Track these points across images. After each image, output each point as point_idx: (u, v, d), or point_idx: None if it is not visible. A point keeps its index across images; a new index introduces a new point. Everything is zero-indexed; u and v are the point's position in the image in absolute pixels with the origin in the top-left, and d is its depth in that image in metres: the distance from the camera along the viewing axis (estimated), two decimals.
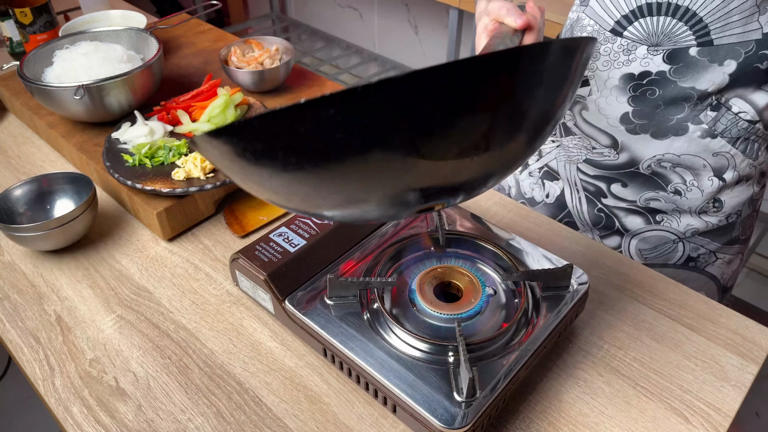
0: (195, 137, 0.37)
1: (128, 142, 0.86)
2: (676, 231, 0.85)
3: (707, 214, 0.83)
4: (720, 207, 0.83)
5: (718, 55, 0.73)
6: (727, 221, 0.84)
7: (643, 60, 0.76)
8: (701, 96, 0.75)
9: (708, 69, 0.74)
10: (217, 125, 0.87)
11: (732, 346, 0.65)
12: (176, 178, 0.78)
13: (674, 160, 0.80)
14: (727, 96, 0.75)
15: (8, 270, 0.77)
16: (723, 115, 0.76)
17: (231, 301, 0.71)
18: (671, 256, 0.87)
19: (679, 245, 0.86)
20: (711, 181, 0.81)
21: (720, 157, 0.79)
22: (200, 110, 0.90)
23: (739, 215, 0.85)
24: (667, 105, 0.77)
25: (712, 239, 0.85)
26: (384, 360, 0.56)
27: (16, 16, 1.12)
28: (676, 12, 0.72)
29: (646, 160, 0.82)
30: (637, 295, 0.72)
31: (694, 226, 0.84)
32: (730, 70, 0.73)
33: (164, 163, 0.82)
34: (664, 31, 0.73)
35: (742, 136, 0.78)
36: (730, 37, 0.71)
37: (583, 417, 0.59)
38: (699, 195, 0.82)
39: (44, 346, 0.66)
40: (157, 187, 0.77)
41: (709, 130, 0.78)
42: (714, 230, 0.85)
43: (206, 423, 0.58)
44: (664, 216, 0.85)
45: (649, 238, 0.87)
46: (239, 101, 0.92)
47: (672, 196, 0.83)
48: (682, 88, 0.75)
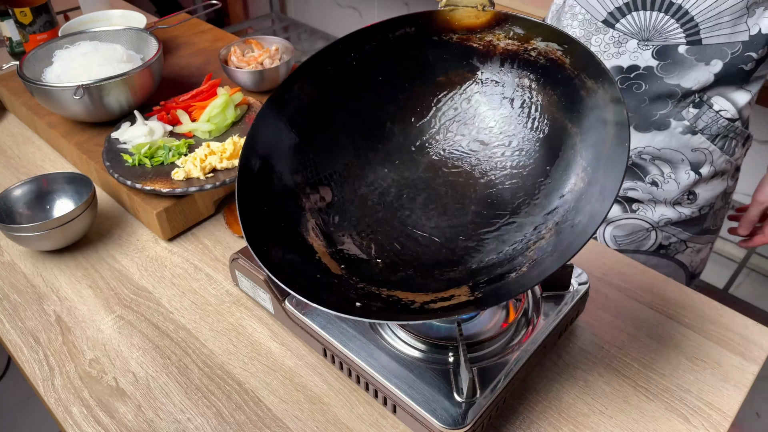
0: None
1: (128, 142, 0.86)
2: (650, 220, 0.87)
3: (681, 205, 0.86)
4: (694, 199, 0.85)
5: (705, 55, 0.74)
6: (700, 213, 0.87)
7: (633, 54, 0.77)
8: (685, 93, 0.77)
9: (694, 67, 0.75)
10: (217, 125, 0.87)
11: (732, 346, 0.65)
12: (176, 178, 0.78)
13: (654, 153, 0.82)
14: (709, 94, 0.77)
15: (8, 270, 0.77)
16: (704, 112, 0.78)
17: (231, 301, 0.71)
18: (644, 243, 0.90)
19: (652, 233, 0.89)
20: (687, 175, 0.83)
21: (698, 153, 0.81)
22: (200, 110, 0.90)
23: (712, 207, 0.87)
24: (652, 100, 0.78)
25: (684, 229, 0.88)
26: (384, 360, 0.56)
27: (16, 15, 1.12)
28: (669, 8, 0.72)
29: None
30: (637, 295, 0.71)
31: (668, 216, 0.86)
32: (716, 70, 0.74)
33: (164, 163, 0.82)
34: (656, 26, 0.74)
35: (722, 133, 0.80)
36: (719, 38, 0.72)
37: (583, 417, 0.59)
38: (675, 187, 0.84)
39: (44, 346, 0.66)
40: (157, 187, 0.77)
41: (690, 127, 0.79)
42: (687, 221, 0.87)
43: (206, 423, 0.58)
44: (640, 205, 0.87)
45: (624, 226, 0.90)
46: (239, 101, 0.92)
47: (649, 187, 0.85)
48: (668, 85, 0.77)
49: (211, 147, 0.81)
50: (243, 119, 0.91)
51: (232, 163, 0.81)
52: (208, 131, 0.88)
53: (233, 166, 0.80)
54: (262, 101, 0.98)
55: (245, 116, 0.91)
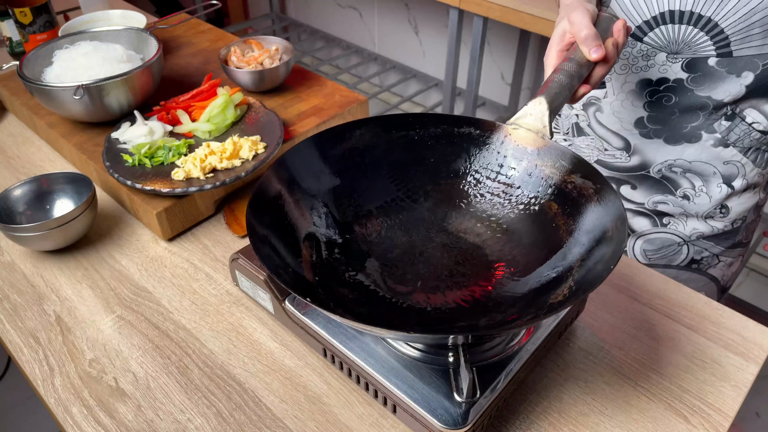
0: None
1: (128, 142, 0.86)
2: (682, 234, 0.86)
3: (713, 219, 0.84)
4: (726, 213, 0.83)
5: (736, 67, 0.72)
6: (732, 226, 0.85)
7: (662, 66, 0.76)
8: (717, 105, 0.75)
9: (725, 80, 0.73)
10: (217, 125, 0.87)
11: (732, 346, 0.65)
12: (176, 178, 0.78)
13: (685, 165, 0.81)
14: (741, 106, 0.75)
15: (8, 270, 0.77)
16: (737, 125, 0.77)
17: (231, 301, 0.71)
18: (675, 257, 0.88)
19: (683, 248, 0.87)
20: (720, 188, 0.81)
21: (730, 166, 0.80)
22: (200, 110, 0.90)
23: (744, 220, 0.85)
24: (683, 112, 0.77)
25: (716, 243, 0.86)
26: (384, 360, 0.56)
27: (16, 15, 1.12)
28: (699, 21, 0.71)
29: (657, 165, 0.82)
30: (637, 295, 0.71)
31: (700, 230, 0.85)
32: (747, 82, 0.73)
33: (164, 163, 0.82)
34: (685, 39, 0.73)
35: (754, 146, 0.78)
36: (750, 49, 0.71)
37: (583, 417, 0.59)
38: (707, 201, 0.82)
39: (44, 347, 0.66)
40: (157, 187, 0.77)
41: (722, 140, 0.78)
42: (719, 235, 0.85)
43: (206, 423, 0.58)
44: (671, 219, 0.85)
45: (655, 240, 0.88)
46: (239, 101, 0.92)
47: (680, 200, 0.84)
48: (698, 97, 0.75)
49: (211, 147, 0.81)
50: (243, 119, 0.91)
51: (232, 163, 0.81)
52: (208, 131, 0.87)
53: (233, 166, 0.80)
54: (262, 101, 0.98)
55: (245, 116, 0.91)
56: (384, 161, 0.68)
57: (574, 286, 0.53)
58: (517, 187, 0.65)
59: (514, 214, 0.64)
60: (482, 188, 0.67)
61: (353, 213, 0.66)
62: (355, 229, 0.65)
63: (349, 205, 0.66)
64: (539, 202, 0.63)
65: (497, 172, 0.66)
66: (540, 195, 0.63)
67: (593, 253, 0.54)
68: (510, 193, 0.65)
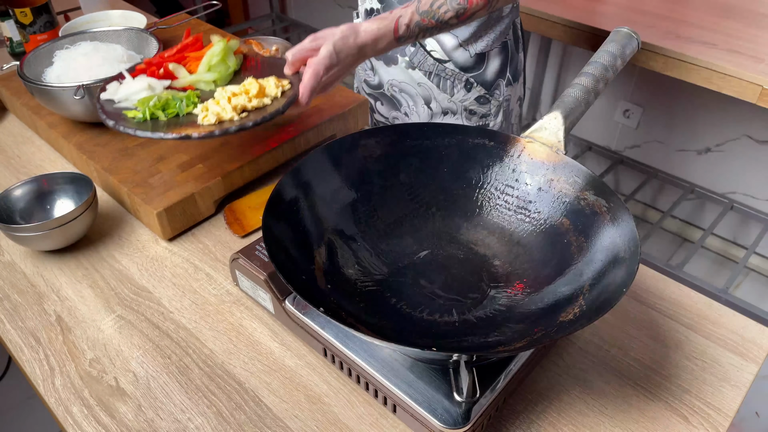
0: None
1: (126, 100, 0.78)
2: None
3: None
4: None
5: None
6: None
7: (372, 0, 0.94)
8: None
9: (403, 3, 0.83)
10: (221, 73, 0.81)
11: (732, 346, 0.65)
12: (205, 123, 0.73)
13: (397, 85, 0.97)
14: None
15: (8, 270, 0.77)
16: (419, 50, 0.93)
17: (231, 301, 0.71)
18: None
19: None
20: (423, 108, 0.98)
21: (423, 88, 0.96)
22: (195, 61, 0.83)
23: None
24: None
25: None
26: (384, 360, 0.56)
27: (16, 16, 1.12)
28: None
29: (385, 84, 1.01)
30: (637, 296, 0.72)
31: None
32: None
33: (179, 115, 0.76)
34: None
35: (434, 71, 0.92)
36: None
37: (583, 417, 0.59)
38: (418, 119, 1.01)
39: (44, 346, 0.66)
40: (189, 132, 0.70)
41: (410, 62, 0.94)
42: None
43: (206, 423, 0.58)
44: None
45: None
46: (236, 48, 0.86)
47: (405, 117, 1.02)
48: None
49: (230, 90, 0.76)
50: (243, 66, 0.85)
51: (262, 101, 0.75)
52: (212, 80, 0.81)
53: (263, 104, 0.75)
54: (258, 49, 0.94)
55: (244, 64, 0.86)
56: (397, 170, 0.68)
57: (584, 305, 0.53)
58: (531, 202, 0.65)
59: (526, 228, 0.64)
60: (495, 200, 0.67)
61: (365, 221, 0.66)
62: (366, 237, 0.65)
63: (361, 213, 0.66)
64: (552, 218, 0.63)
65: (511, 186, 0.66)
66: (553, 210, 0.63)
67: (605, 272, 0.54)
68: (523, 207, 0.65)
